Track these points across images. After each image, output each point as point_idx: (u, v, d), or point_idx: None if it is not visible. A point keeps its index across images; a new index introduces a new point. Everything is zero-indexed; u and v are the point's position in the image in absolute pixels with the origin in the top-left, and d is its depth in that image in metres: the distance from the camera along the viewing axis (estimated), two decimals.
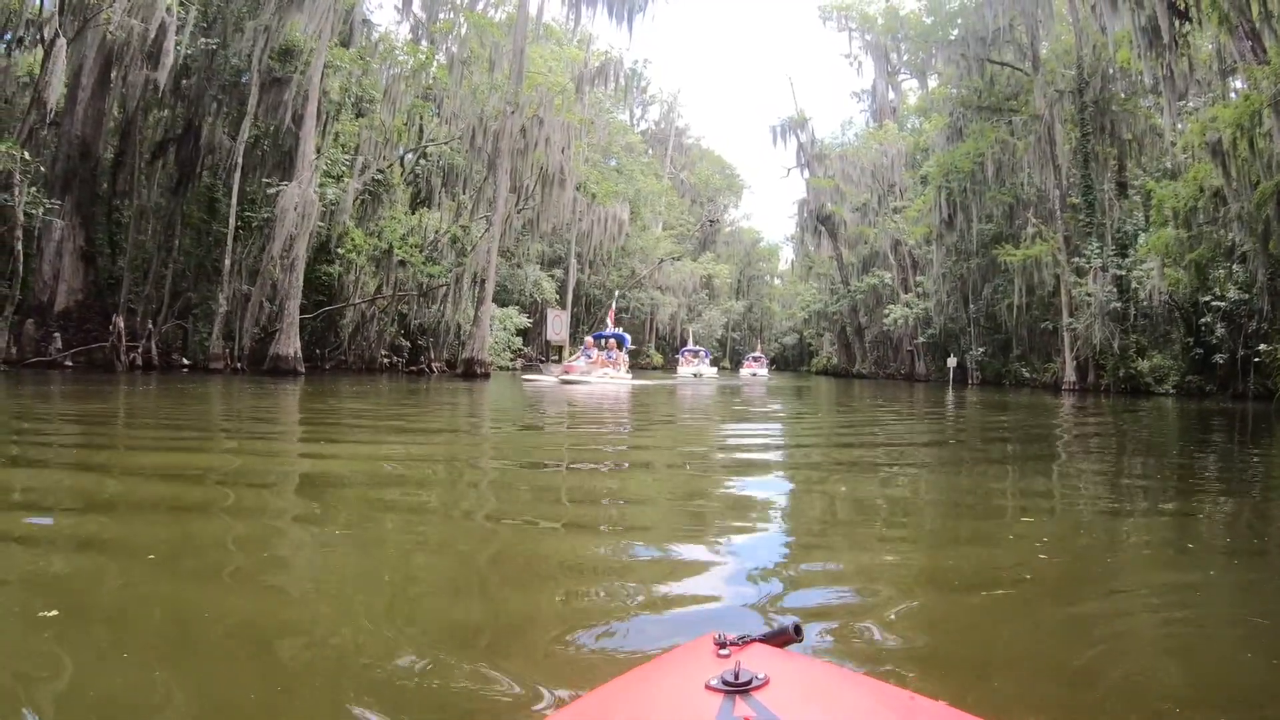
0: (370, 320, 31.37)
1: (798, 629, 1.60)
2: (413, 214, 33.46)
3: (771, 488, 7.52)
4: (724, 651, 1.46)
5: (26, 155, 19.84)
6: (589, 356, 31.18)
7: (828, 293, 72.30)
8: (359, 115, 30.73)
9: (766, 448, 11.54)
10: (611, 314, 41.35)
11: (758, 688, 1.29)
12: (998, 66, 43.67)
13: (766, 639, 1.55)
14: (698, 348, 59.80)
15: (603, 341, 32.90)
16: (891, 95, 68.61)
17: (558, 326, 40.66)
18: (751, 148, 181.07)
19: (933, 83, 57.26)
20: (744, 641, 1.49)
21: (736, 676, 1.31)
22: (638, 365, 67.91)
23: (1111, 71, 37.20)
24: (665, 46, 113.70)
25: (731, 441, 12.29)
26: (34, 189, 20.67)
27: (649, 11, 38.50)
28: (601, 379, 28.97)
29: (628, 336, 36.49)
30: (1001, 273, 44.73)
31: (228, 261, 25.04)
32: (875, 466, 9.15)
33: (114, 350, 22.69)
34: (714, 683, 1.31)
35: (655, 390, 28.73)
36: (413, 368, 32.46)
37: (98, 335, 23.25)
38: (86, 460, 7.32)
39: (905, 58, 62.45)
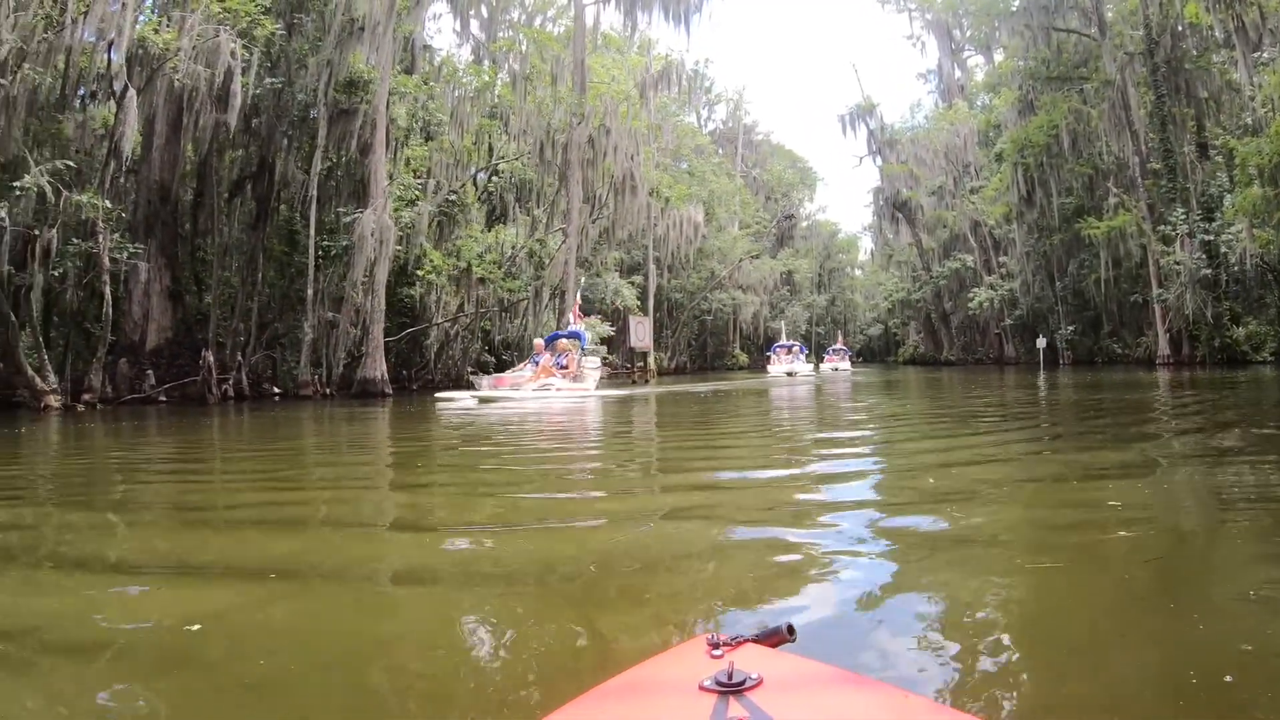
0: (454, 339, 32.05)
1: (790, 629, 1.59)
2: (489, 231, 34.09)
3: None
4: (717, 652, 1.46)
5: (108, 204, 20.89)
6: (536, 364, 24.16)
7: (909, 280, 71.30)
8: (428, 139, 31.58)
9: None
10: (576, 307, 29.76)
11: (751, 688, 1.30)
12: (1064, 34, 42.60)
13: (759, 639, 1.55)
14: (791, 343, 52.86)
15: (555, 344, 25.24)
16: (958, 73, 67.37)
17: (641, 333, 40.27)
18: (822, 139, 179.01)
19: (998, 57, 55.98)
20: (737, 642, 1.50)
21: (730, 677, 1.31)
22: (723, 367, 67.38)
23: (1181, 28, 35.90)
24: (726, 45, 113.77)
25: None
26: (118, 235, 21.86)
27: (705, 11, 38.80)
28: (540, 393, 21.84)
29: (585, 334, 28.13)
30: (1086, 247, 43.54)
31: (310, 291, 25.85)
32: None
33: (205, 384, 23.67)
34: (707, 683, 1.31)
35: (626, 403, 22.04)
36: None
37: (189, 370, 24.26)
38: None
39: (968, 34, 61.17)
